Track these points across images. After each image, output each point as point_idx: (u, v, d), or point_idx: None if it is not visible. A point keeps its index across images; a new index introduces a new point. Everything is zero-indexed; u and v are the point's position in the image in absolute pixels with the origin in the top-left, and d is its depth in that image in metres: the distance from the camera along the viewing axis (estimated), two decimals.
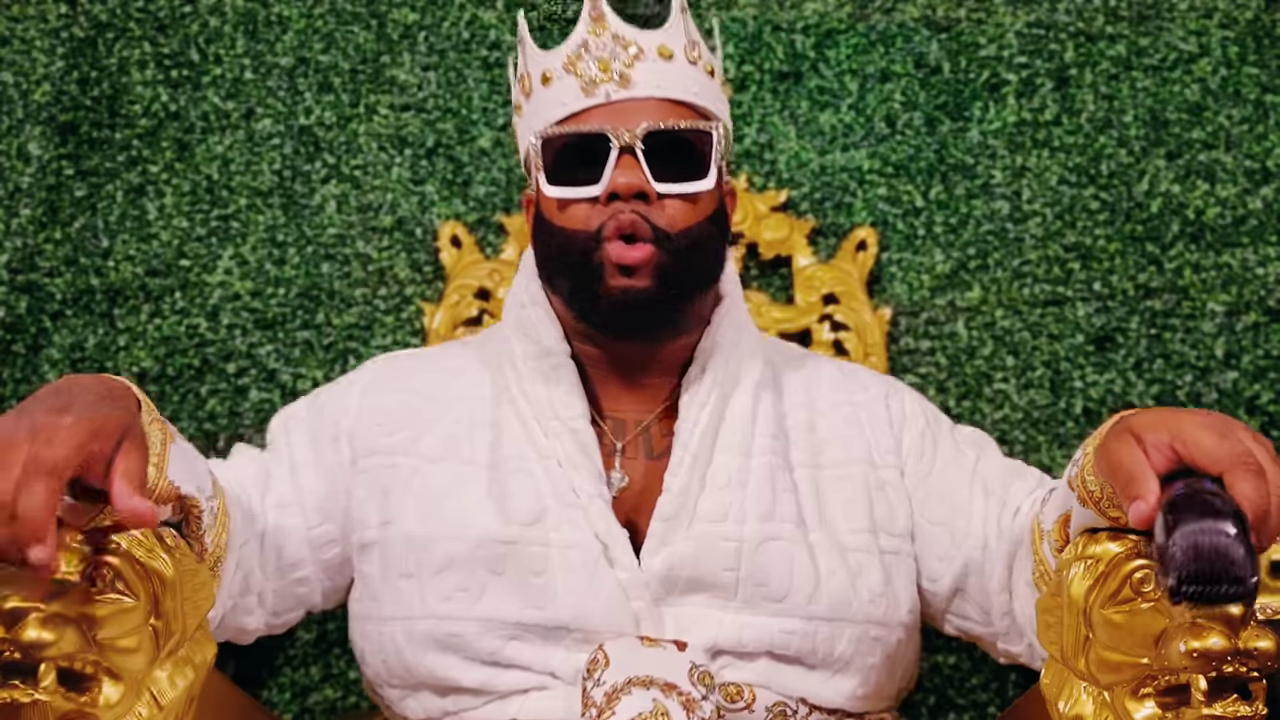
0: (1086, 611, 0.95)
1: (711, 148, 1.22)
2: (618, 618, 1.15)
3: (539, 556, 1.17)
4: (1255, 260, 1.88)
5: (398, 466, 1.24)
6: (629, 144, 1.18)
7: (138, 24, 2.00)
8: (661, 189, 1.19)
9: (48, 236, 1.91)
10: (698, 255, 1.22)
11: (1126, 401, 1.84)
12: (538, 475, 1.21)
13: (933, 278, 1.90)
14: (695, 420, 1.23)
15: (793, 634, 1.16)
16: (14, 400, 1.84)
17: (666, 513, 1.19)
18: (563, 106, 1.22)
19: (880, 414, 1.31)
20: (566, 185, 1.20)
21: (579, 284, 1.21)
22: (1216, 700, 0.89)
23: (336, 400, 1.31)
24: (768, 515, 1.20)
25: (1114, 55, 1.96)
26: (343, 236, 1.93)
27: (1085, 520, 1.00)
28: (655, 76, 1.21)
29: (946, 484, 1.27)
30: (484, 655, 1.16)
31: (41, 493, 0.82)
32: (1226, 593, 0.80)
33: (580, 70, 1.22)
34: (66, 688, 0.91)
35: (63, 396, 0.91)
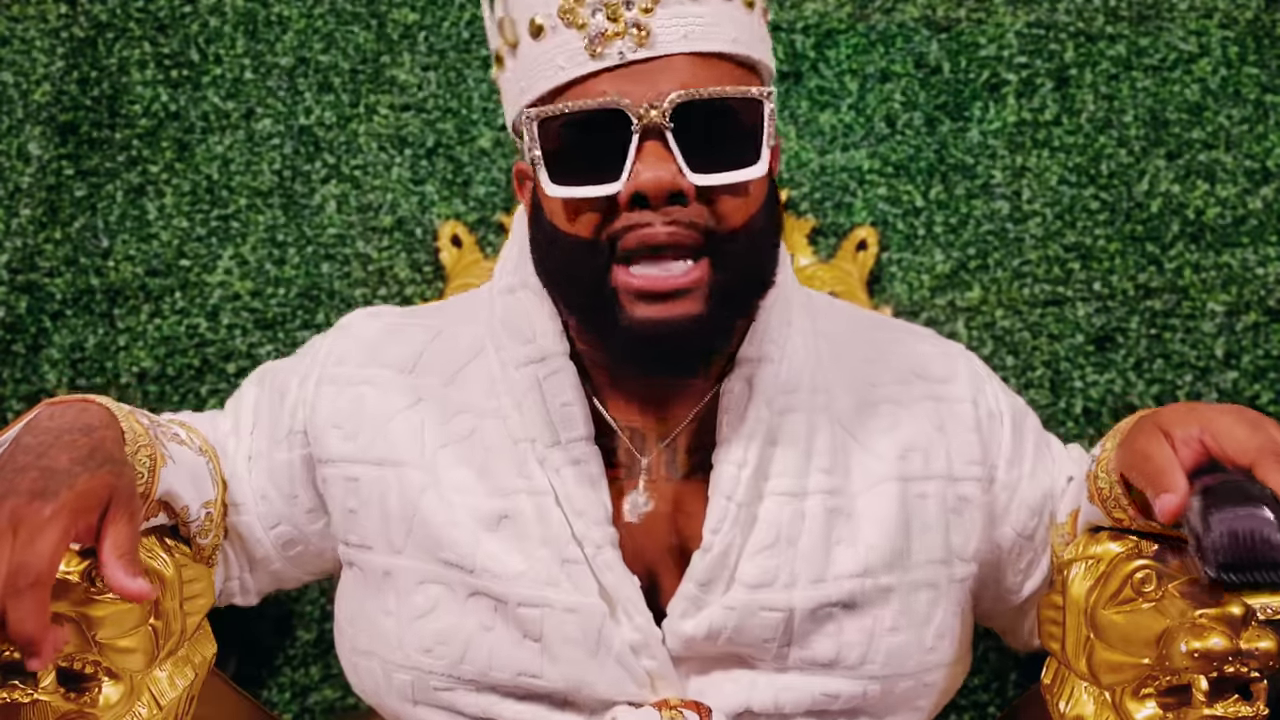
0: (1088, 611, 0.95)
1: (763, 119, 0.91)
2: (626, 684, 0.99)
3: (533, 620, 0.98)
4: (1255, 260, 1.88)
5: (359, 480, 1.05)
6: (655, 123, 0.88)
7: (138, 24, 2.00)
8: (701, 181, 0.89)
9: (48, 236, 1.91)
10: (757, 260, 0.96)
11: (1126, 402, 1.84)
12: (529, 517, 1.00)
13: (933, 278, 1.90)
14: (741, 461, 0.99)
15: (838, 695, 1.00)
16: (14, 400, 1.84)
17: (701, 576, 0.99)
18: (559, 70, 0.91)
19: (966, 415, 1.08)
20: (574, 182, 0.91)
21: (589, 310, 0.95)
22: (1218, 700, 0.90)
23: (296, 386, 1.11)
24: (820, 578, 0.99)
25: (1114, 55, 1.96)
26: (343, 236, 1.93)
27: (1092, 517, 1.00)
28: (682, 22, 0.90)
29: (1036, 493, 1.10)
30: (476, 712, 1.01)
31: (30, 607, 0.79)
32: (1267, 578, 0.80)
33: (581, 19, 0.90)
34: (66, 688, 0.91)
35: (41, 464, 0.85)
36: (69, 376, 1.85)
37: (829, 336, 1.09)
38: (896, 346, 1.12)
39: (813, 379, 1.04)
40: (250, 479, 1.12)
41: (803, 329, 1.05)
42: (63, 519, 0.81)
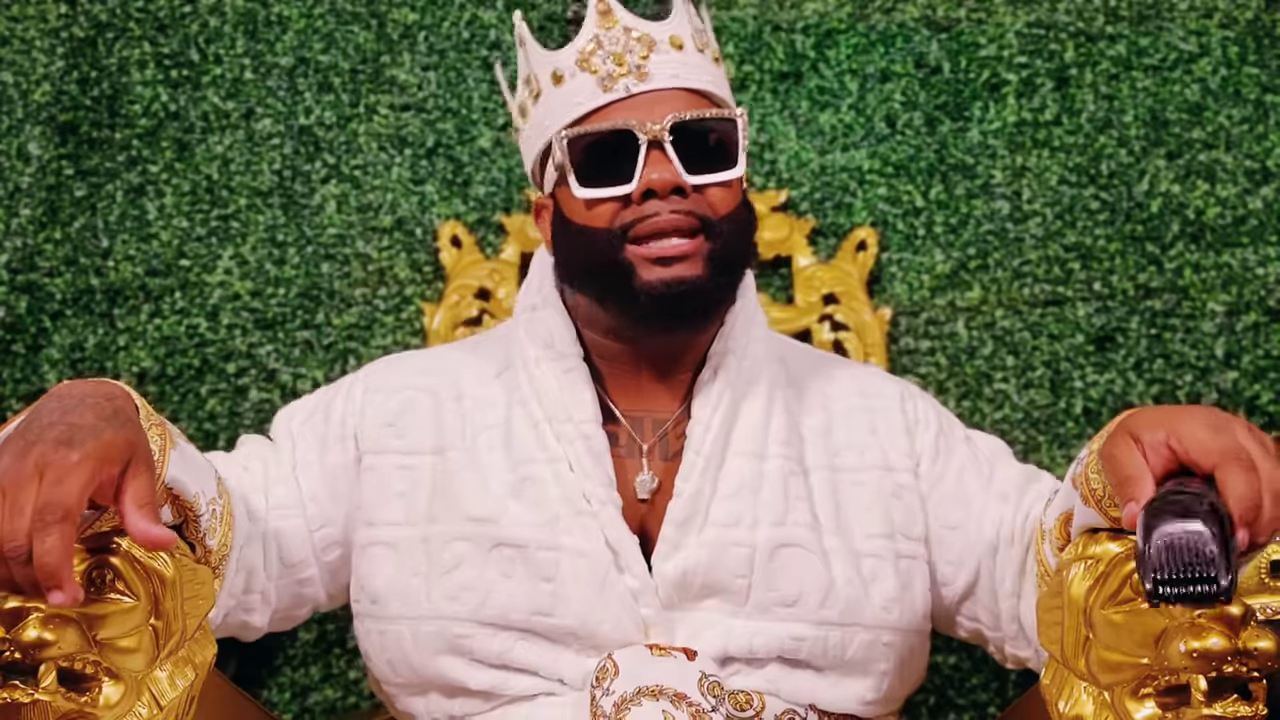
0: (1087, 611, 0.95)
1: (737, 134, 1.19)
2: (627, 625, 1.14)
3: (549, 562, 1.16)
4: (1255, 260, 1.88)
5: (411, 468, 1.23)
6: (657, 137, 1.15)
7: (138, 24, 2.00)
8: (695, 180, 1.16)
9: (48, 236, 1.91)
10: (742, 239, 1.21)
11: (1126, 401, 1.84)
12: (548, 480, 1.19)
13: (933, 278, 1.90)
14: (707, 424, 1.21)
15: (803, 639, 1.15)
16: (14, 400, 1.84)
17: (678, 517, 1.17)
18: (579, 105, 1.18)
19: (896, 418, 1.29)
20: (596, 185, 1.17)
21: (609, 284, 1.18)
22: (1216, 700, 0.90)
23: (341, 400, 1.29)
24: (780, 520, 1.18)
25: (1114, 55, 1.96)
26: (343, 236, 1.93)
27: (1087, 519, 1.00)
28: (671, 67, 1.19)
29: (961, 488, 1.26)
30: (492, 658, 1.15)
31: (57, 539, 0.83)
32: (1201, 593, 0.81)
33: (595, 66, 1.18)
34: (66, 688, 0.91)
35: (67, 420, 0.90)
36: (69, 376, 1.85)
37: (784, 358, 1.32)
38: (843, 371, 1.35)
39: (769, 379, 1.25)
40: (299, 485, 1.24)
41: (761, 339, 1.28)
42: (89, 465, 0.86)
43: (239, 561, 1.15)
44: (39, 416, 0.92)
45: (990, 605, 1.22)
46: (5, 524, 0.84)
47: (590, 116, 1.18)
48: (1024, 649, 1.20)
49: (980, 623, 1.25)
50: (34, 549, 0.83)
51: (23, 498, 0.84)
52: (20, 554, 0.83)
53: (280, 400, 1.86)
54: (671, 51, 1.20)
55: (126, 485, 0.89)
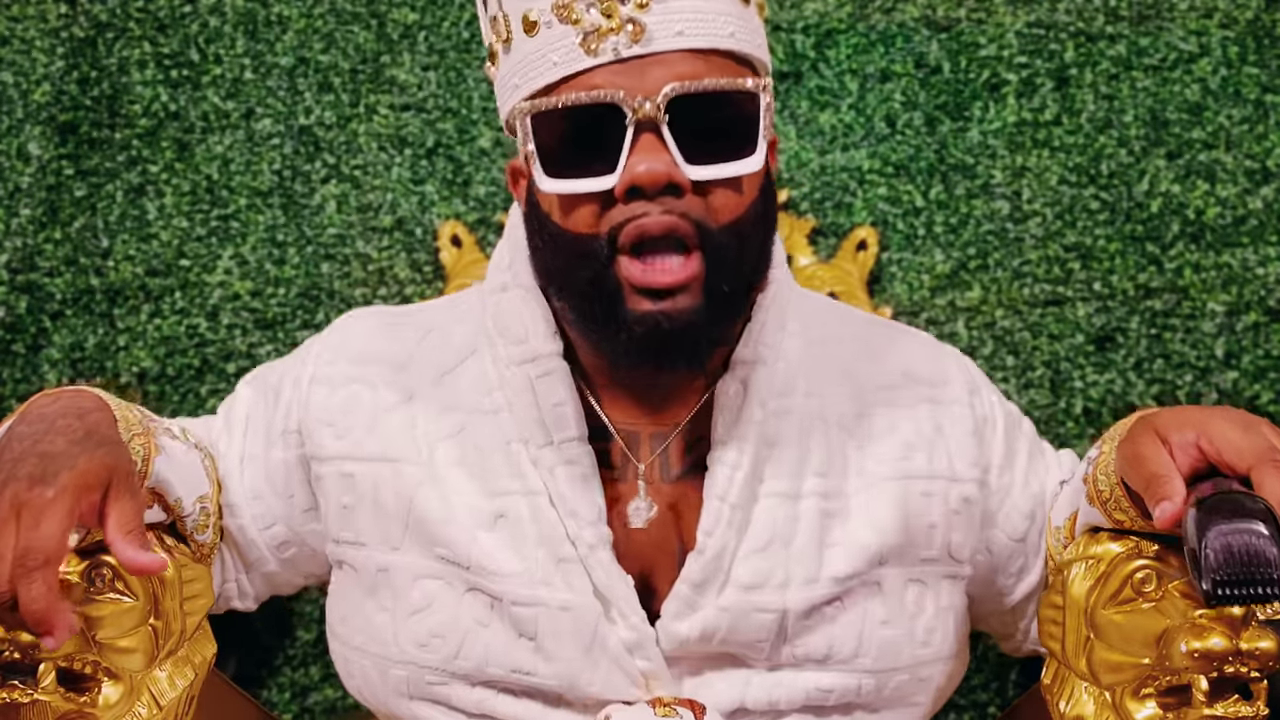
0: (1088, 611, 0.95)
1: (759, 113, 0.92)
2: (619, 683, 0.98)
3: (528, 618, 0.98)
4: (1255, 260, 1.88)
5: (351, 476, 1.04)
6: (650, 116, 0.88)
7: (138, 24, 2.00)
8: (696, 174, 0.90)
9: (48, 236, 1.91)
10: (748, 254, 0.96)
11: (1126, 401, 1.84)
12: (524, 517, 1.00)
13: (933, 278, 1.90)
14: (735, 463, 0.99)
15: (831, 690, 1.00)
16: (14, 400, 1.84)
17: (696, 578, 0.99)
18: (553, 67, 0.92)
19: (964, 417, 1.09)
20: (569, 176, 0.91)
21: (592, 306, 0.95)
22: (1218, 700, 0.90)
23: (290, 385, 1.11)
24: (813, 577, 0.99)
25: (1114, 55, 1.96)
26: (343, 236, 1.93)
27: (1091, 519, 1.00)
28: (677, 19, 0.90)
29: (1026, 498, 1.11)
30: (470, 707, 1.01)
31: (41, 587, 0.80)
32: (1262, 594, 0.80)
33: (577, 14, 0.90)
34: (66, 688, 0.91)
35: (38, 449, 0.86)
36: (69, 376, 1.85)
37: (824, 339, 1.09)
38: (891, 346, 1.13)
39: (808, 382, 1.04)
40: (243, 480, 1.11)
41: (798, 332, 1.06)
42: (65, 500, 0.82)
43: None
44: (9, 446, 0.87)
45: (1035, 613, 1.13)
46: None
47: (566, 83, 0.92)
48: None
49: (1018, 629, 1.18)
50: (19, 597, 0.80)
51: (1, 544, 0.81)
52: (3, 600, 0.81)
53: None
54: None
55: (109, 511, 0.85)
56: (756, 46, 0.96)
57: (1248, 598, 0.80)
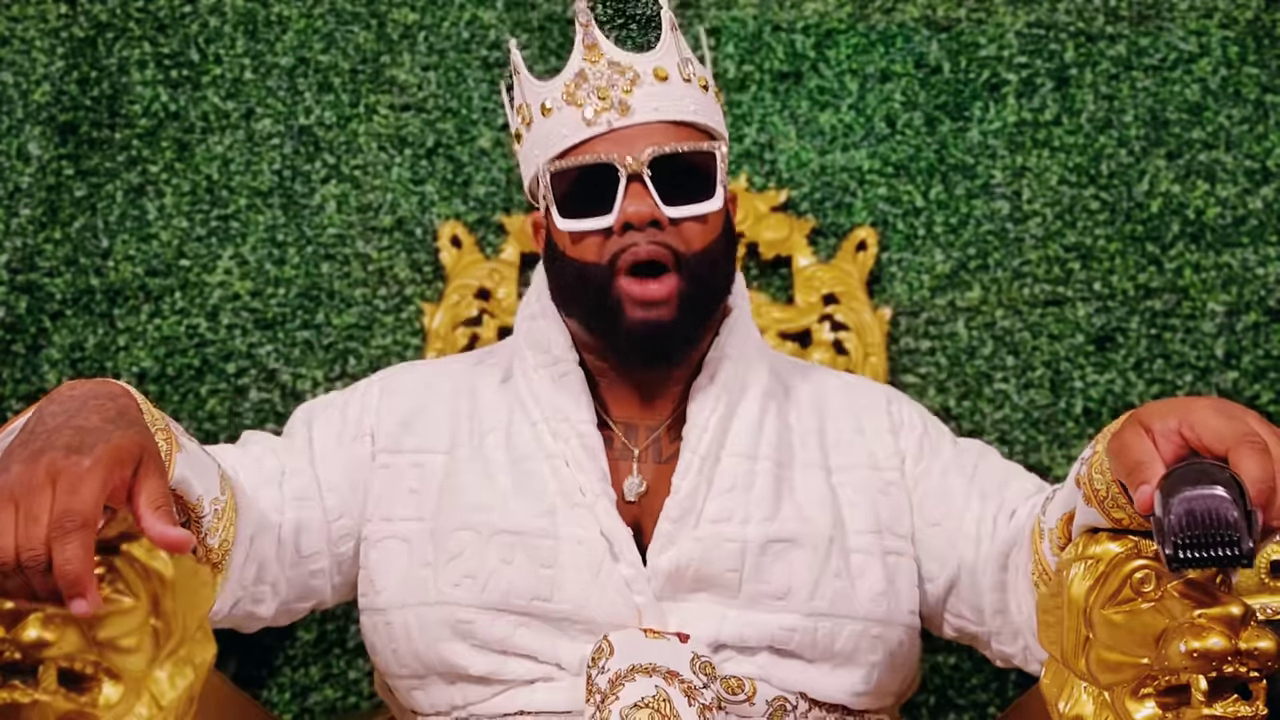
0: (1087, 611, 0.95)
1: (716, 167, 1.23)
2: (621, 610, 1.18)
3: (548, 550, 1.20)
4: (1255, 260, 1.88)
5: (424, 465, 1.28)
6: (636, 171, 1.19)
7: (138, 24, 2.00)
8: (672, 213, 1.20)
9: (48, 236, 1.91)
10: (714, 275, 1.25)
11: (1126, 401, 1.84)
12: (546, 475, 1.24)
13: (933, 278, 1.90)
14: (704, 426, 1.25)
15: (794, 630, 1.19)
16: (14, 400, 1.84)
17: (673, 514, 1.21)
18: (564, 139, 1.23)
19: (881, 419, 1.34)
20: (578, 218, 1.22)
21: (598, 317, 1.23)
22: (1217, 700, 0.90)
23: (357, 400, 1.34)
24: (770, 517, 1.22)
25: (1114, 55, 1.96)
26: (343, 236, 1.93)
27: (1089, 519, 1.00)
28: (654, 100, 1.22)
29: (944, 486, 1.29)
30: (493, 643, 1.18)
31: (78, 548, 0.83)
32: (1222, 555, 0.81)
33: (579, 100, 1.23)
34: (66, 688, 0.91)
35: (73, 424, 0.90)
36: (69, 376, 1.85)
37: (779, 368, 1.37)
38: (832, 378, 1.40)
39: (762, 385, 1.30)
40: (318, 473, 1.28)
41: (757, 346, 1.34)
42: (101, 470, 0.86)
43: (250, 553, 1.17)
44: (42, 422, 0.91)
45: (973, 600, 1.25)
46: (21, 533, 0.83)
47: (574, 150, 1.22)
48: (1009, 645, 1.22)
49: (965, 619, 1.27)
50: (54, 558, 0.83)
51: (37, 506, 0.84)
52: (39, 563, 0.83)
53: (280, 400, 1.86)
54: (655, 84, 1.23)
55: (139, 487, 0.89)
56: (715, 121, 1.28)
57: (1209, 560, 0.81)
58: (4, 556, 0.83)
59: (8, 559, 0.84)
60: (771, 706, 1.18)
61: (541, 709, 1.17)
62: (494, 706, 1.19)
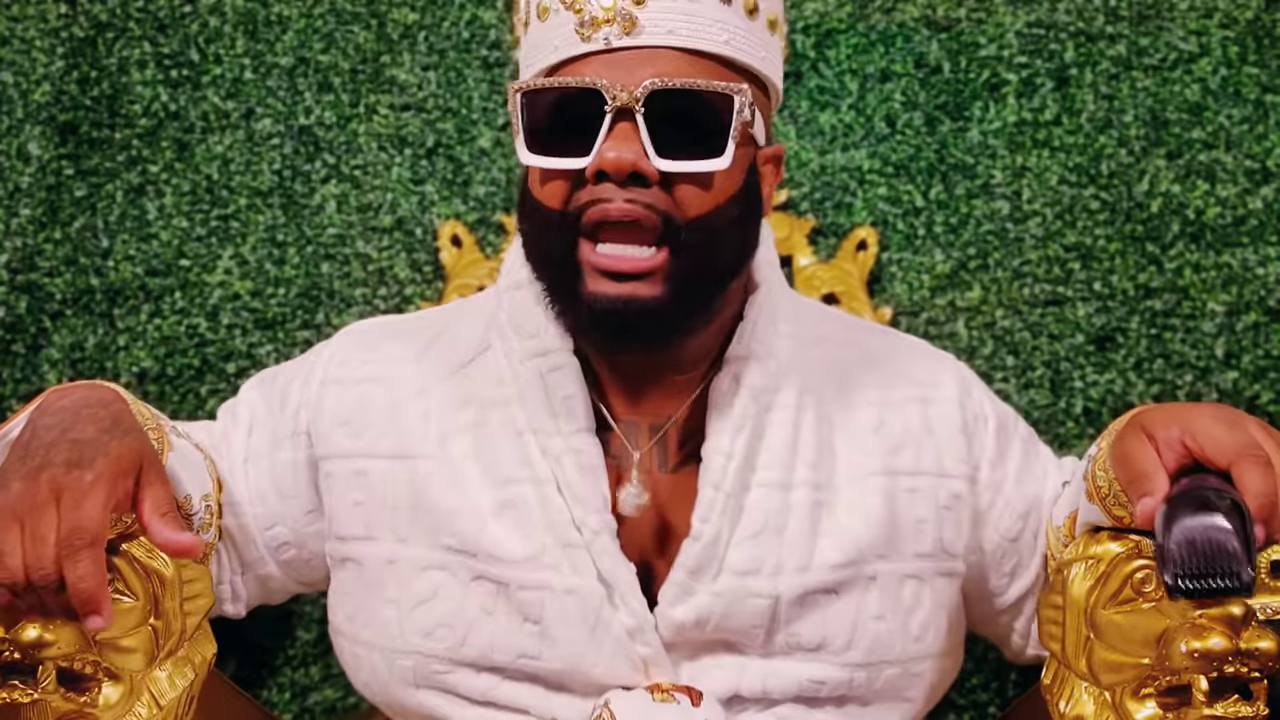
0: (1088, 611, 0.95)
1: (733, 115, 0.95)
2: (622, 667, 1.02)
3: (534, 602, 1.02)
4: (1255, 260, 1.88)
5: (365, 474, 1.08)
6: (626, 105, 0.93)
7: (138, 24, 2.00)
8: (663, 166, 0.94)
9: (48, 236, 1.91)
10: (716, 249, 0.99)
11: (1126, 401, 1.84)
12: (532, 504, 1.03)
13: (933, 278, 1.90)
14: (729, 452, 1.03)
15: (824, 682, 1.04)
16: (14, 400, 1.84)
17: (690, 564, 1.02)
18: (554, 50, 0.98)
19: (953, 415, 1.12)
20: (548, 153, 0.96)
21: (556, 282, 1.01)
22: (1218, 700, 0.90)
23: (299, 386, 1.14)
24: (805, 565, 1.03)
25: (1114, 55, 1.96)
26: (343, 236, 1.93)
27: (1091, 517, 1.00)
28: (670, 18, 0.95)
29: (1021, 497, 1.13)
30: (476, 695, 1.04)
31: (90, 565, 0.82)
32: (1222, 586, 0.81)
33: (578, 4, 0.96)
34: (66, 688, 0.91)
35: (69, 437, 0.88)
36: (69, 376, 1.85)
37: (821, 340, 1.13)
38: (888, 350, 1.17)
39: (800, 378, 1.08)
40: (247, 480, 1.13)
41: (790, 332, 1.09)
42: (104, 484, 0.85)
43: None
44: (36, 436, 0.89)
45: (1032, 615, 1.15)
46: (29, 553, 0.82)
47: (562, 67, 0.98)
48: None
49: (1015, 631, 1.19)
50: (66, 576, 0.82)
51: (43, 525, 0.82)
52: (50, 582, 0.82)
53: None
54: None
55: (143, 495, 0.88)
56: (759, 59, 0.99)
57: (1209, 590, 0.81)
58: (14, 576, 0.83)
59: (18, 578, 0.83)
60: None
61: None
62: None
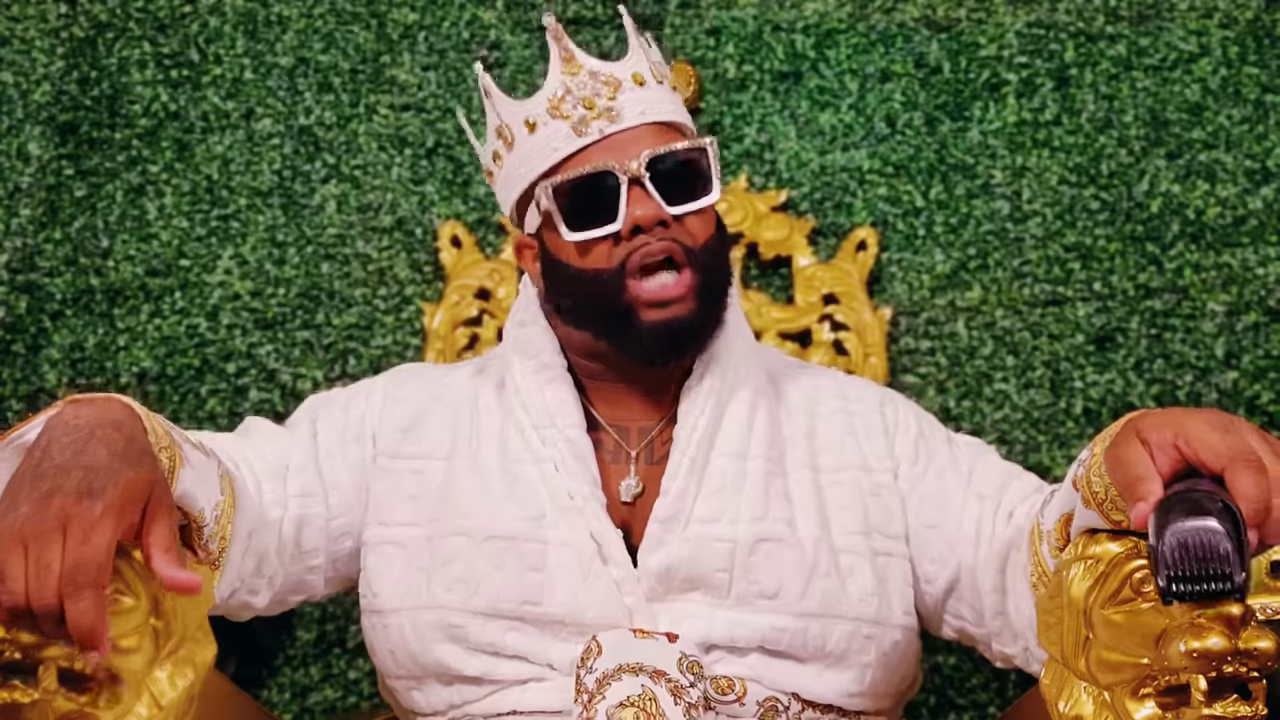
0: (1086, 612, 0.95)
1: (710, 162, 1.25)
2: (611, 612, 1.19)
3: (537, 553, 1.21)
4: (1255, 260, 1.88)
5: (423, 473, 1.29)
6: (636, 174, 1.20)
7: (138, 24, 2.00)
8: (675, 211, 1.21)
9: (48, 236, 1.92)
10: (720, 266, 1.27)
11: (1126, 401, 1.84)
12: (535, 480, 1.25)
13: (933, 278, 1.90)
14: (694, 426, 1.26)
15: (784, 630, 1.19)
16: (14, 400, 1.84)
17: (663, 515, 1.22)
18: (555, 151, 1.23)
19: (875, 421, 1.34)
20: (585, 228, 1.22)
21: (612, 324, 1.24)
22: (1216, 700, 0.90)
23: (361, 400, 1.35)
24: (760, 517, 1.22)
25: (1114, 55, 1.96)
26: (343, 236, 1.93)
27: (1087, 521, 1.00)
28: (638, 104, 1.23)
29: (941, 488, 1.29)
30: (485, 645, 1.20)
31: (92, 602, 0.83)
32: (1214, 590, 0.81)
33: (566, 112, 1.23)
34: (66, 688, 0.91)
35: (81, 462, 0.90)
36: (69, 376, 1.86)
37: (772, 367, 1.38)
38: (826, 379, 1.40)
39: (754, 384, 1.30)
40: (323, 470, 1.28)
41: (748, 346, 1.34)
42: (113, 517, 0.86)
43: (249, 548, 1.17)
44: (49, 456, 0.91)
45: (973, 602, 1.24)
46: (32, 580, 0.83)
47: (568, 161, 1.22)
48: (1009, 646, 1.21)
49: (964, 619, 1.27)
50: (67, 611, 0.83)
51: (48, 555, 0.84)
52: (51, 613, 0.83)
53: (280, 400, 1.86)
54: (636, 89, 1.24)
55: (150, 529, 0.90)
56: (685, 118, 1.30)
57: (1202, 594, 0.82)
58: (15, 600, 0.83)
59: (19, 603, 0.84)
60: (763, 707, 1.18)
61: (532, 709, 1.18)
62: (487, 706, 1.20)
